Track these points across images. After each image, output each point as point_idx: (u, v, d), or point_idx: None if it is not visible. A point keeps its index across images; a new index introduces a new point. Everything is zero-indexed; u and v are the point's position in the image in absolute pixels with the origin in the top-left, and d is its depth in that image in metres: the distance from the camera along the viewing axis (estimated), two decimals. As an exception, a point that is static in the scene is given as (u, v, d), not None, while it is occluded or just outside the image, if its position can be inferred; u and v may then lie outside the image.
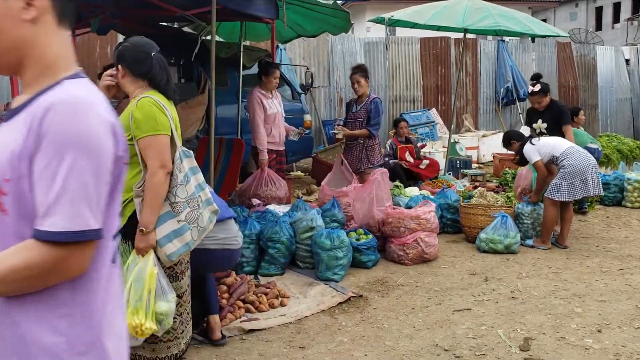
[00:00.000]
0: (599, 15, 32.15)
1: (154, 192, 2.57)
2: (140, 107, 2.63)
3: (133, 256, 2.60)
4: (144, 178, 2.61)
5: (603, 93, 14.57)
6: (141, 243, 2.58)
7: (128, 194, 2.63)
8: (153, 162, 2.58)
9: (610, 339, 3.53)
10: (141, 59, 2.77)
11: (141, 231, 2.58)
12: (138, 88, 2.78)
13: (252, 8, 5.72)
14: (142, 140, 2.61)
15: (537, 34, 7.63)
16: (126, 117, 2.66)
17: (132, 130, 2.62)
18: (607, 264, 5.10)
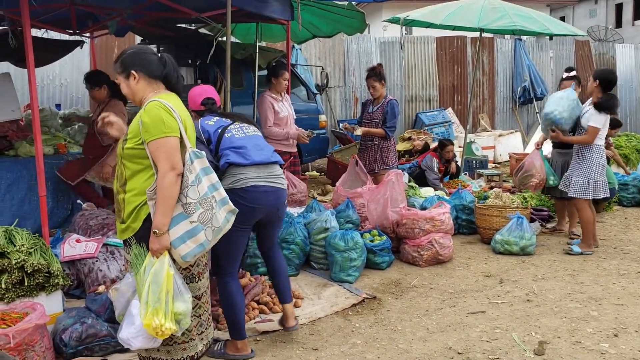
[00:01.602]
0: (618, 12, 31.70)
1: (165, 194, 2.59)
2: (148, 111, 2.64)
3: (149, 258, 2.62)
4: (156, 181, 2.64)
5: (622, 92, 14.38)
6: (155, 245, 2.61)
7: (142, 197, 2.67)
8: (163, 165, 2.59)
9: (627, 344, 3.49)
10: (153, 60, 2.77)
11: (154, 233, 2.59)
12: (152, 91, 2.77)
13: (267, 10, 5.74)
14: (151, 143, 2.61)
15: (555, 33, 7.56)
16: (135, 123, 2.67)
17: (141, 134, 2.63)
18: (625, 267, 5.04)
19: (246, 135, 3.46)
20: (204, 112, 3.57)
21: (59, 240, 4.45)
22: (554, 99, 5.39)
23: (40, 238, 3.87)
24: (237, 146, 3.35)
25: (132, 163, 2.69)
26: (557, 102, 5.30)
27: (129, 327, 2.62)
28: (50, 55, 7.30)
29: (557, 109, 5.25)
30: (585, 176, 5.23)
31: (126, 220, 2.71)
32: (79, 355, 3.22)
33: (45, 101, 8.90)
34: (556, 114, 5.27)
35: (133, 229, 2.70)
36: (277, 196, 3.42)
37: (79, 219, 4.89)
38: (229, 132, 3.41)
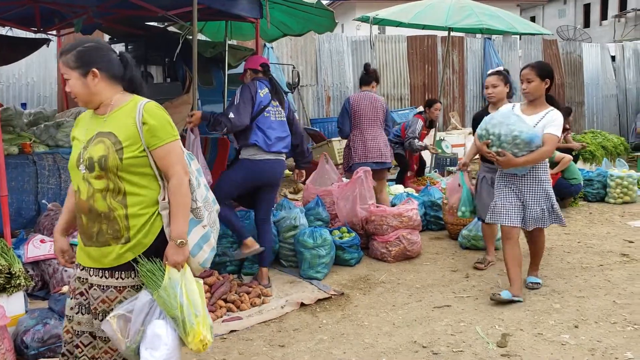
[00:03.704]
0: (587, 12, 32.35)
1: (186, 201, 2.38)
2: (151, 113, 2.34)
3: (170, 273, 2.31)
4: (165, 189, 2.38)
5: (589, 90, 14.69)
6: (179, 256, 2.33)
7: (153, 208, 2.38)
8: (178, 169, 2.36)
9: (587, 335, 3.58)
10: (115, 60, 2.43)
11: (178, 244, 2.33)
12: (115, 93, 2.42)
13: (236, 7, 5.72)
14: (161, 148, 2.34)
15: (521, 32, 7.69)
16: (132, 128, 2.33)
17: (144, 139, 2.32)
18: (588, 260, 5.16)
19: (277, 120, 4.45)
20: (259, 72, 4.52)
21: (23, 241, 4.38)
22: (507, 117, 4.00)
23: (1, 239, 3.81)
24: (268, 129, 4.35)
25: (133, 174, 2.34)
26: (515, 119, 3.97)
27: (157, 350, 2.27)
28: (15, 54, 7.18)
29: (523, 127, 3.92)
30: (547, 201, 4.13)
31: (134, 236, 2.33)
32: (41, 356, 3.19)
33: (10, 100, 8.74)
34: (529, 133, 3.91)
35: (144, 245, 2.36)
36: (279, 166, 4.48)
37: (44, 219, 4.82)
38: (268, 112, 4.39)
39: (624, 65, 15.11)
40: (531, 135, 3.88)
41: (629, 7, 28.62)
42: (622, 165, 8.31)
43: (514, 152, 3.91)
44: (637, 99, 15.10)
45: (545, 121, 4.02)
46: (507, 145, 3.91)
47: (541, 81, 4.04)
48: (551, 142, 3.96)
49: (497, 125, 3.95)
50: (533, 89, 4.06)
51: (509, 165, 3.98)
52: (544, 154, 3.99)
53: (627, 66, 15.13)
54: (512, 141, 3.89)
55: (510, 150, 3.90)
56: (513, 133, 3.89)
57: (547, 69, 4.10)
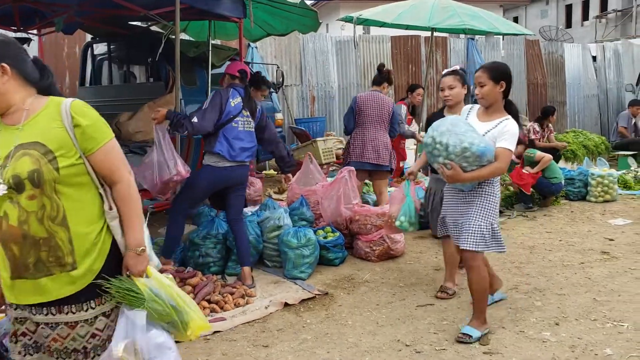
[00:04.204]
0: (568, 13, 32.72)
1: (137, 205, 2.16)
2: (82, 113, 2.05)
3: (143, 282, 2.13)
4: (108, 197, 2.13)
5: (571, 90, 14.85)
6: (142, 264, 2.14)
7: (98, 224, 2.10)
8: (122, 171, 2.13)
9: (567, 332, 3.62)
10: (28, 61, 2.11)
11: (139, 252, 2.13)
12: (28, 97, 2.07)
13: (219, 7, 5.71)
14: (99, 151, 2.07)
15: (503, 32, 7.76)
16: (62, 133, 2.01)
17: (79, 144, 2.03)
18: (569, 258, 5.22)
19: (244, 130, 4.52)
20: (236, 78, 4.61)
21: None
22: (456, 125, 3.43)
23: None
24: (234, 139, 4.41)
25: (71, 186, 2.03)
26: (466, 128, 3.43)
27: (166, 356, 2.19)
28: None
29: (474, 138, 3.39)
30: (487, 219, 3.55)
31: (82, 262, 2.04)
32: None
33: (-10, 100, 8.63)
34: (480, 145, 3.38)
35: (95, 270, 2.08)
36: (242, 170, 4.54)
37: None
38: (236, 122, 4.45)
39: (605, 66, 15.30)
40: (483, 149, 3.37)
41: (610, 8, 29.01)
42: (603, 164, 8.43)
43: (463, 165, 3.41)
44: (617, 98, 15.30)
45: (497, 131, 3.50)
46: (455, 157, 3.39)
47: (495, 84, 3.51)
48: (504, 157, 3.45)
49: (445, 133, 3.40)
50: (486, 93, 3.53)
51: (456, 180, 3.47)
52: (497, 171, 3.47)
53: (608, 66, 15.32)
54: (461, 153, 3.37)
55: (459, 163, 3.41)
56: (462, 144, 3.36)
57: (501, 71, 3.58)
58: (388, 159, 5.88)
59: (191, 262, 4.75)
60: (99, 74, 8.27)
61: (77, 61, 9.01)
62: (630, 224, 6.48)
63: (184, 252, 4.89)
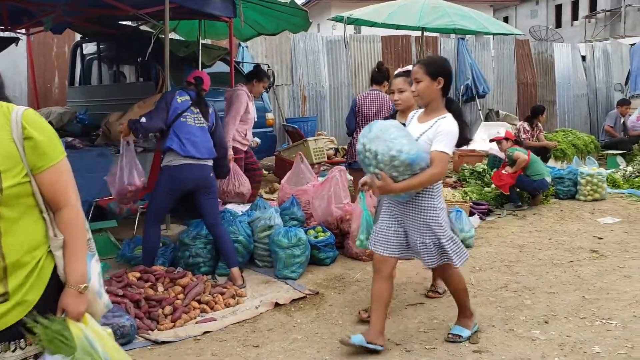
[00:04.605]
0: (558, 13, 32.92)
1: (83, 235, 1.90)
2: (35, 124, 1.80)
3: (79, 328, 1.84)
4: (53, 222, 1.86)
5: (560, 89, 14.93)
6: (82, 305, 1.86)
7: (38, 251, 1.83)
8: (71, 195, 1.87)
9: (556, 330, 3.64)
10: None
11: (78, 290, 1.85)
12: None
13: (209, 6, 5.70)
14: (51, 170, 1.81)
15: (493, 32, 7.79)
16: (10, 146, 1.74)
17: (27, 160, 1.77)
18: (559, 257, 5.25)
19: (196, 125, 4.48)
20: (191, 84, 4.64)
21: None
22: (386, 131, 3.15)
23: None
24: (184, 135, 4.37)
25: (11, 208, 1.75)
26: (396, 134, 3.14)
27: None
28: (-18, 53, 7.03)
29: (403, 145, 3.08)
30: (433, 235, 3.27)
31: (16, 292, 1.76)
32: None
33: (-22, 100, 8.56)
34: (411, 152, 3.08)
35: (30, 303, 1.79)
36: (202, 170, 4.46)
37: None
38: (185, 117, 4.43)
39: (594, 65, 15.40)
40: (413, 157, 3.05)
41: (599, 8, 29.20)
42: (592, 163, 8.47)
43: (393, 175, 3.10)
44: (606, 98, 15.40)
45: (432, 132, 3.20)
46: (385, 166, 3.09)
47: (432, 80, 3.23)
48: (440, 162, 3.14)
49: (374, 140, 3.11)
50: (422, 90, 3.25)
51: (386, 191, 3.16)
52: (432, 178, 3.15)
53: (597, 66, 15.42)
54: (390, 162, 3.06)
55: (389, 173, 3.09)
56: (390, 152, 3.05)
57: (439, 65, 3.29)
58: None
59: (181, 262, 4.73)
60: (88, 73, 8.24)
61: (66, 61, 8.97)
62: (619, 222, 6.53)
63: (174, 253, 4.88)
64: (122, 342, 3.42)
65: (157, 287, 4.09)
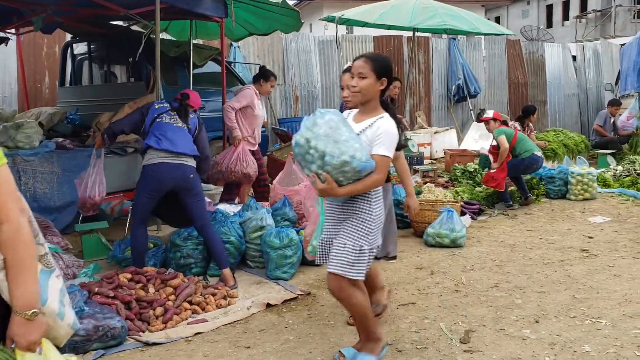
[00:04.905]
0: (549, 13, 33.10)
1: (29, 252, 1.70)
2: None
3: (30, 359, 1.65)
4: None
5: (551, 89, 15.00)
6: (34, 333, 1.66)
7: None
8: (10, 208, 1.66)
9: (547, 329, 3.66)
10: None
11: (25, 316, 1.65)
12: None
13: (200, 7, 5.69)
14: None
15: (484, 32, 7.82)
16: None
17: None
18: (549, 256, 5.28)
19: (172, 124, 4.55)
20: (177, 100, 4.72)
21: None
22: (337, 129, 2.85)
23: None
24: (160, 132, 4.45)
25: None
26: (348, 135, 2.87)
27: None
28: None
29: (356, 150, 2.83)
30: (356, 239, 2.98)
31: None
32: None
33: (-33, 101, 8.50)
34: (362, 159, 2.84)
35: None
36: (180, 169, 4.44)
37: None
38: (161, 118, 4.54)
39: (585, 65, 15.48)
40: (365, 164, 2.84)
41: (590, 8, 29.38)
42: (583, 163, 8.53)
43: (339, 179, 2.86)
44: (597, 97, 15.49)
45: (370, 133, 2.98)
46: (332, 169, 2.82)
47: (377, 80, 3.02)
48: (382, 167, 2.93)
49: (322, 138, 2.82)
50: (366, 87, 3.01)
51: (329, 194, 2.89)
52: (375, 183, 2.94)
53: (588, 66, 15.50)
54: (340, 167, 2.80)
55: (334, 177, 2.84)
56: (342, 157, 2.78)
57: (386, 65, 3.09)
58: None
59: (172, 263, 4.72)
60: (79, 74, 8.20)
61: (56, 61, 8.91)
62: (609, 221, 6.57)
63: (165, 254, 4.86)
64: (113, 343, 3.43)
65: (148, 288, 4.08)
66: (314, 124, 2.88)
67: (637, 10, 28.85)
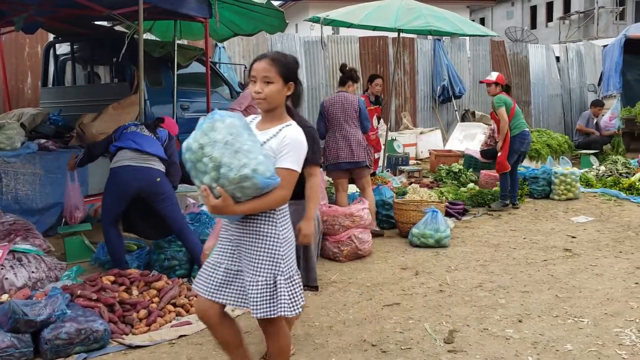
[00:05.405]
0: (533, 14, 33.41)
1: None
2: None
3: None
4: None
5: (535, 90, 15.13)
6: None
7: None
8: None
9: (530, 329, 3.69)
10: None
11: None
12: None
13: (183, 7, 5.66)
14: None
15: (468, 33, 7.86)
16: None
17: None
18: (533, 256, 5.32)
19: (139, 132, 4.63)
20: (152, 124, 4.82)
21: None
22: (239, 136, 2.39)
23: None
24: (128, 137, 4.54)
25: None
26: (250, 144, 2.41)
27: None
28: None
29: (260, 163, 2.38)
30: (269, 271, 2.52)
31: None
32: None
33: (-52, 101, 8.37)
34: (266, 174, 2.39)
35: None
36: (145, 172, 4.44)
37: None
38: (128, 129, 4.65)
39: (568, 66, 15.63)
40: (269, 180, 2.40)
41: (573, 9, 29.70)
42: (566, 163, 8.62)
43: (236, 195, 2.40)
44: (580, 98, 15.65)
45: (275, 143, 2.54)
46: (228, 183, 2.36)
47: (284, 85, 2.60)
48: (289, 182, 2.51)
49: (221, 145, 2.36)
50: (271, 94, 2.57)
51: (223, 212, 2.43)
52: (278, 201, 2.50)
53: (571, 67, 15.66)
54: (238, 182, 2.36)
55: (231, 193, 2.38)
56: (243, 171, 2.34)
57: (293, 68, 2.66)
58: (364, 155, 5.87)
59: (157, 265, 4.69)
60: (62, 74, 8.11)
61: (39, 61, 8.81)
62: (591, 221, 6.64)
63: (149, 256, 4.83)
64: (96, 346, 3.39)
65: (132, 290, 4.05)
66: (211, 127, 2.40)
67: (619, 12, 29.22)
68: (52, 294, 3.54)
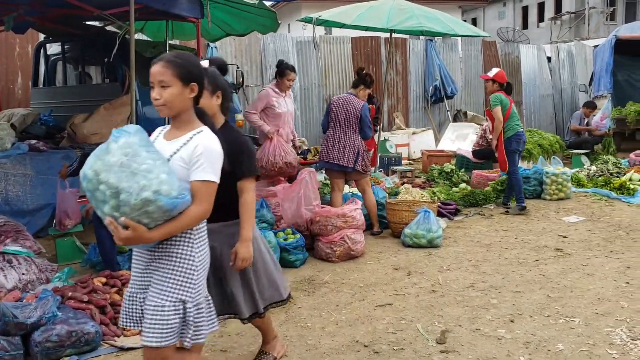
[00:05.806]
0: (525, 14, 33.55)
1: None
2: None
3: None
4: None
5: (527, 90, 15.18)
6: None
7: None
8: None
9: (522, 328, 3.70)
10: None
11: None
12: None
13: (175, 7, 5.64)
14: None
15: (459, 34, 7.88)
16: None
17: None
18: (524, 256, 5.34)
19: None
20: None
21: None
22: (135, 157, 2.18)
23: None
24: None
25: None
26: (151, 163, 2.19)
27: None
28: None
29: (162, 183, 2.16)
30: (174, 294, 2.32)
31: None
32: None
33: (-62, 102, 8.31)
34: (171, 194, 2.18)
35: None
36: None
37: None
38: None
39: (559, 66, 15.69)
40: (175, 201, 2.19)
41: (564, 9, 29.85)
42: (557, 163, 8.65)
43: (143, 222, 2.18)
44: (571, 98, 15.71)
45: (186, 153, 2.33)
46: (131, 211, 2.15)
47: (184, 87, 2.38)
48: (206, 195, 2.32)
49: (116, 169, 2.16)
50: (170, 99, 2.35)
51: (138, 242, 2.23)
52: (197, 218, 2.32)
53: (562, 67, 15.72)
54: (141, 207, 2.15)
55: (137, 220, 2.17)
56: (143, 194, 2.13)
57: (192, 67, 2.43)
58: (352, 160, 5.82)
59: (149, 266, 4.67)
60: (52, 74, 8.07)
61: (29, 61, 8.76)
62: (582, 221, 6.67)
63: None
64: (87, 349, 3.38)
65: (124, 292, 4.02)
66: (106, 150, 2.20)
67: (610, 13, 29.40)
68: (42, 296, 3.52)
